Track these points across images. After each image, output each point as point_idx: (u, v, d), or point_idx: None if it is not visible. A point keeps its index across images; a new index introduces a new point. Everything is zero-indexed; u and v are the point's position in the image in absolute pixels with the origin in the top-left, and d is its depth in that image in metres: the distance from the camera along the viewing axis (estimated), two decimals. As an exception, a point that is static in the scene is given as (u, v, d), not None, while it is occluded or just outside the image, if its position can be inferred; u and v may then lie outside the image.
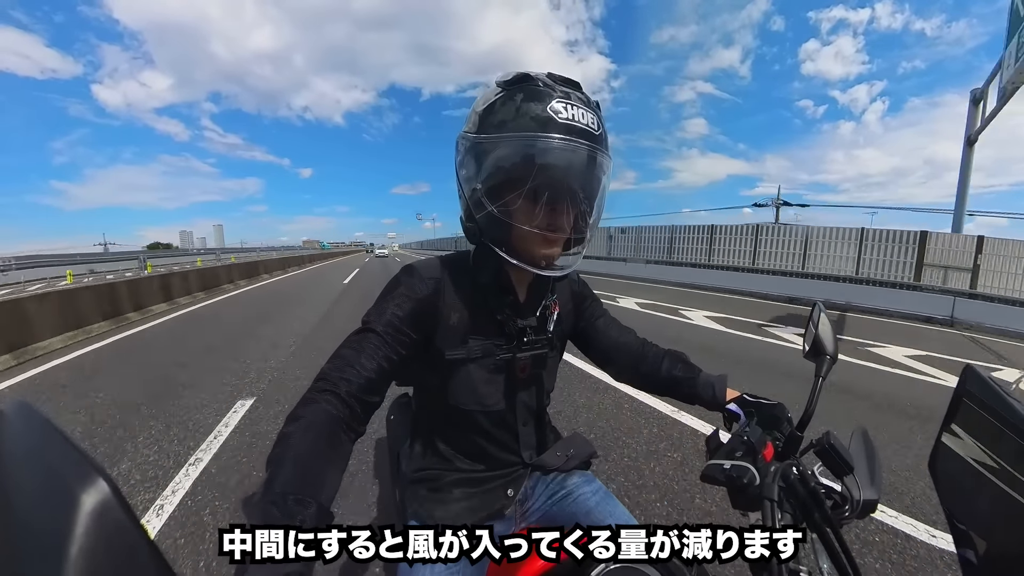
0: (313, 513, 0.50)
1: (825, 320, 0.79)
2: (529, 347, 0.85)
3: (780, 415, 0.77)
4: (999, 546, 0.46)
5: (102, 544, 0.24)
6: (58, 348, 5.64)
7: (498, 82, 0.75)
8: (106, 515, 0.24)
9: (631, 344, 1.00)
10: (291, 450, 0.57)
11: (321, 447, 0.59)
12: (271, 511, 0.48)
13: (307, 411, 0.62)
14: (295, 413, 0.62)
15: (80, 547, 0.23)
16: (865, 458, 0.66)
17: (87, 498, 0.24)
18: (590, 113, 0.72)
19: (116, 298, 7.56)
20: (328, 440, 0.61)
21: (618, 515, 0.88)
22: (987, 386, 0.49)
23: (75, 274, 22.08)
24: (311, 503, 0.50)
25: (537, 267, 0.76)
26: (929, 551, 1.95)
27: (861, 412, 3.59)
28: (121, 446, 2.86)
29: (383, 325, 0.74)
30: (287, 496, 0.50)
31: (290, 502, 0.49)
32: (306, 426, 0.60)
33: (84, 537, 0.23)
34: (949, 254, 10.87)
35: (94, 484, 0.25)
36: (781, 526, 0.54)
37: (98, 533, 0.24)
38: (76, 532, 0.23)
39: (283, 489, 0.51)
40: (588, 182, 0.75)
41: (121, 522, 0.25)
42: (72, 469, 0.26)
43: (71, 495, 0.24)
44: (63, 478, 0.25)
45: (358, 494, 2.28)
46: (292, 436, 0.59)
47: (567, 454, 0.96)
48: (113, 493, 0.25)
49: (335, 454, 0.61)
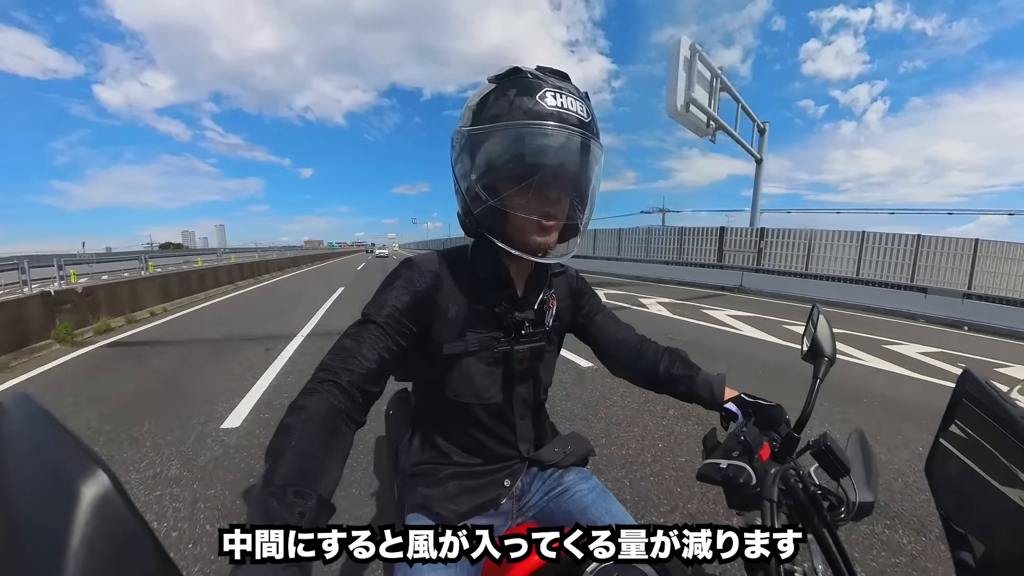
0: (313, 505, 0.49)
1: (824, 322, 0.79)
2: (527, 340, 0.86)
3: (778, 416, 0.77)
4: (996, 549, 0.46)
5: (103, 535, 0.24)
6: (202, 299, 10.39)
7: (490, 78, 0.77)
8: (106, 507, 0.25)
9: (629, 340, 1.00)
10: (291, 440, 0.57)
11: (322, 438, 0.59)
12: (271, 503, 0.48)
13: (308, 401, 0.63)
14: (296, 403, 0.62)
15: (81, 538, 0.23)
16: (862, 460, 0.66)
17: (87, 490, 0.24)
18: (579, 102, 0.74)
19: (218, 277, 12.92)
20: (329, 431, 0.61)
21: (615, 512, 0.88)
22: (984, 390, 0.49)
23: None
24: (311, 495, 0.50)
25: (533, 255, 0.77)
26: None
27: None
28: (285, 314, 7.72)
29: (383, 317, 0.75)
30: (287, 488, 0.50)
31: (290, 494, 0.49)
32: (307, 417, 0.60)
33: (85, 528, 0.23)
34: (739, 244, 15.44)
35: (94, 476, 0.25)
36: (780, 527, 0.54)
37: (98, 524, 0.24)
38: (77, 523, 0.23)
39: (283, 481, 0.51)
40: (580, 169, 0.76)
41: (121, 513, 0.25)
42: (72, 461, 0.26)
43: (71, 487, 0.24)
44: (63, 470, 0.25)
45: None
46: (293, 427, 0.58)
47: (565, 450, 0.97)
48: (113, 485, 0.25)
49: (336, 445, 0.61)
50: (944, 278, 11.47)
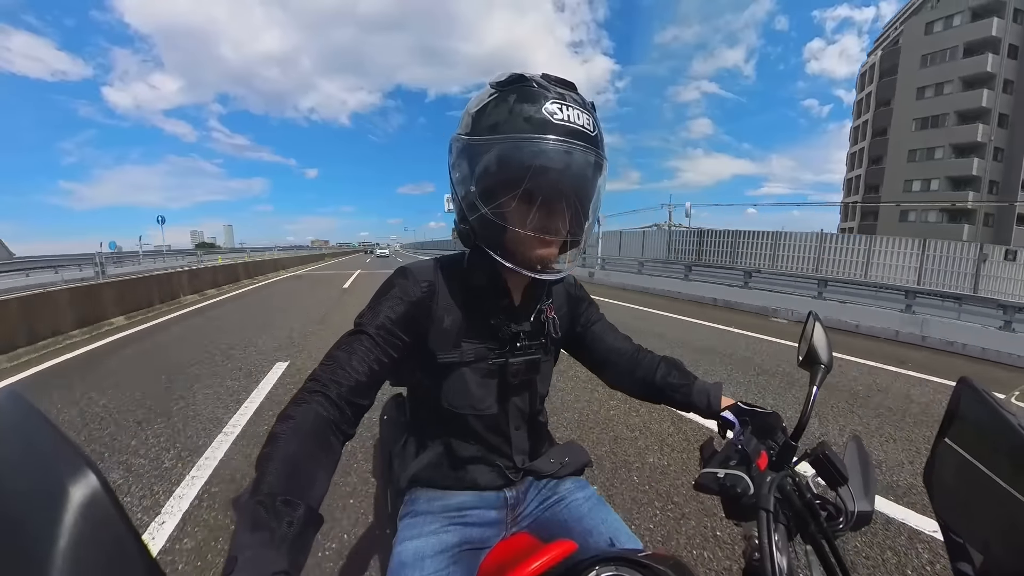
0: (301, 515, 0.49)
1: (820, 329, 0.78)
2: (522, 352, 0.85)
3: (774, 424, 0.77)
4: (996, 560, 0.46)
5: (90, 536, 0.24)
6: (245, 283, 14.52)
7: (491, 83, 0.74)
8: (94, 507, 0.24)
9: (626, 350, 1.00)
10: (280, 451, 0.57)
11: (310, 448, 0.59)
12: (259, 512, 0.48)
13: (297, 411, 0.63)
14: (285, 413, 0.62)
15: (68, 540, 0.23)
16: (859, 468, 0.66)
17: (76, 490, 0.24)
18: (585, 114, 0.71)
19: (264, 268, 18.57)
20: (317, 442, 0.61)
21: (610, 522, 0.87)
22: (983, 398, 0.49)
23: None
24: (299, 504, 0.50)
25: (532, 270, 0.75)
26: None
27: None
28: (314, 290, 12.66)
29: (375, 328, 0.74)
30: (275, 497, 0.50)
31: (278, 503, 0.49)
32: (295, 427, 0.60)
33: (72, 529, 0.23)
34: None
35: (83, 476, 0.25)
36: (775, 537, 0.54)
37: (86, 525, 0.24)
38: (64, 524, 0.23)
39: (271, 490, 0.51)
40: (583, 184, 0.74)
41: (109, 515, 0.25)
42: (61, 461, 0.26)
43: (60, 487, 0.24)
44: (52, 470, 0.25)
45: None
46: (281, 437, 0.58)
47: (561, 461, 0.96)
48: (102, 486, 0.25)
49: (324, 456, 0.61)
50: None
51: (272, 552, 0.44)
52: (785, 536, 0.57)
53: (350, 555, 1.86)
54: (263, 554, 0.44)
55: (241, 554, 0.43)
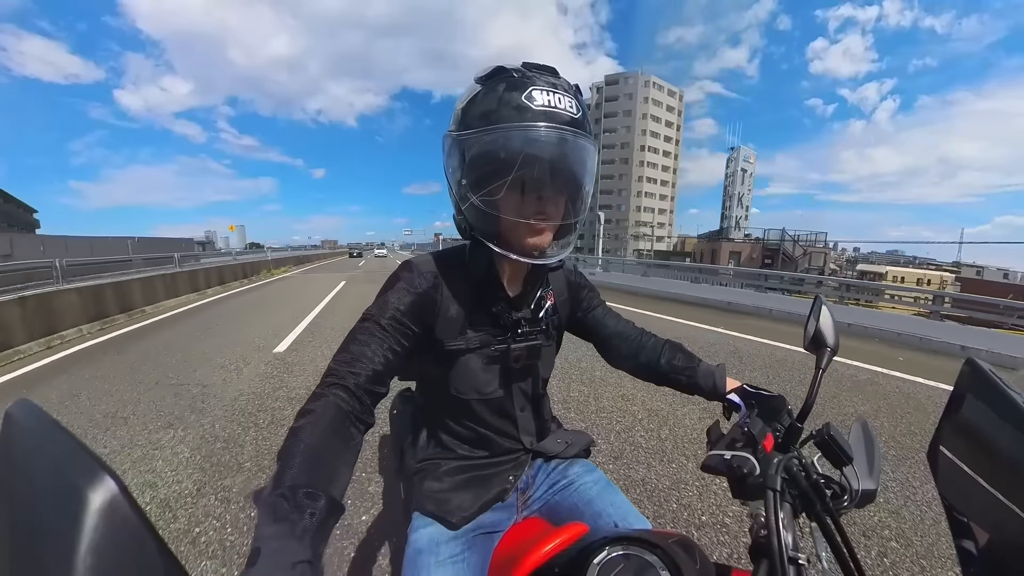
0: (324, 506, 0.50)
1: (826, 312, 0.78)
2: (523, 338, 0.86)
3: (780, 406, 0.77)
4: (1000, 538, 0.46)
5: (110, 541, 0.24)
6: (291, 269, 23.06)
7: (476, 78, 0.74)
8: (114, 512, 0.25)
9: (629, 333, 1.00)
10: (301, 443, 0.57)
11: (331, 440, 0.60)
12: (281, 504, 0.48)
13: (317, 405, 0.63)
14: (305, 408, 0.63)
15: (89, 544, 0.23)
16: (864, 449, 0.66)
17: (95, 496, 0.25)
18: (568, 97, 0.71)
19: (310, 257, 34.28)
20: (338, 433, 0.61)
21: (619, 504, 0.89)
22: (988, 378, 0.49)
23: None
24: (321, 496, 0.50)
25: (528, 257, 0.76)
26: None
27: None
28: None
29: (386, 319, 0.75)
30: (297, 489, 0.50)
31: (300, 495, 0.49)
32: (315, 420, 0.61)
33: (92, 534, 0.23)
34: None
35: (101, 482, 0.25)
36: (782, 515, 0.54)
37: (106, 530, 0.24)
38: (85, 530, 0.23)
39: (293, 482, 0.51)
40: (570, 167, 0.74)
41: (129, 519, 0.25)
42: (79, 468, 0.26)
43: (79, 493, 0.25)
44: (70, 477, 0.26)
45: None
46: (302, 430, 0.59)
47: (567, 441, 0.98)
48: (120, 490, 0.26)
49: (345, 447, 0.62)
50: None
51: (295, 543, 0.45)
52: (791, 514, 0.57)
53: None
54: (286, 545, 0.44)
55: (264, 545, 0.43)
